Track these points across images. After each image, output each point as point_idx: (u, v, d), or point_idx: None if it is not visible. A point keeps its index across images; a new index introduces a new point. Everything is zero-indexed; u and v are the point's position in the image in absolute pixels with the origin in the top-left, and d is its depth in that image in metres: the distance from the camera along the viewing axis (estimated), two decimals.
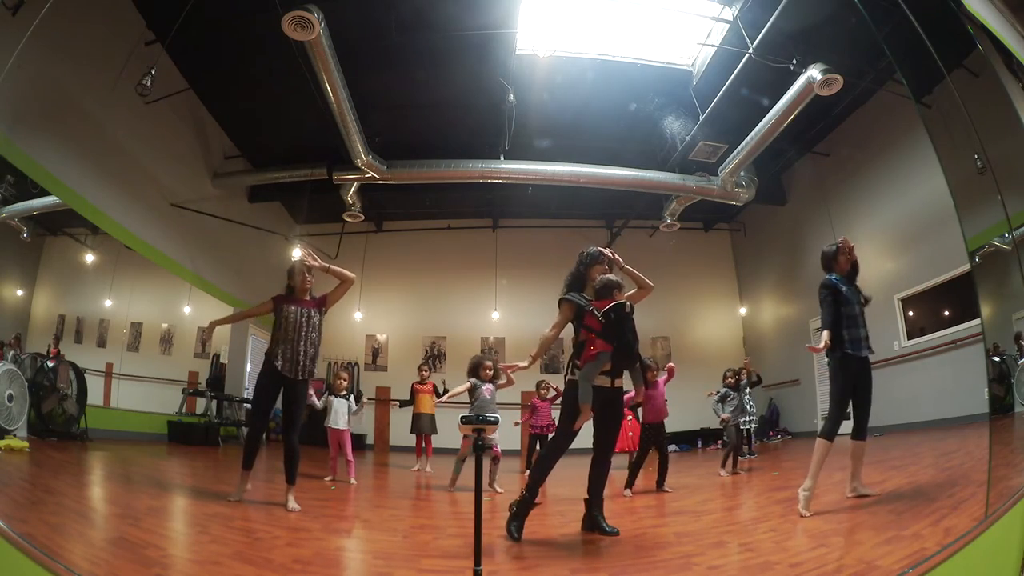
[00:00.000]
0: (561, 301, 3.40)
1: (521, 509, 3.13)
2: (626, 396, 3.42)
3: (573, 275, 3.48)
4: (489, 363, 4.76)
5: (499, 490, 4.70)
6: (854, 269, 3.79)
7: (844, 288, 3.69)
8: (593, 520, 3.21)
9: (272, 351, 3.80)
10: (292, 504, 3.65)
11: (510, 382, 4.45)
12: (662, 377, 4.80)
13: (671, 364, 4.95)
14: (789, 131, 5.60)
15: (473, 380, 4.76)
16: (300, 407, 3.84)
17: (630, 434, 5.25)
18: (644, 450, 4.77)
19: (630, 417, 5.22)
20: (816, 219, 6.95)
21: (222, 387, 7.31)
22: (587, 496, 3.27)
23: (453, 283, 8.33)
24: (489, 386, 4.69)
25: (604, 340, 3.15)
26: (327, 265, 3.94)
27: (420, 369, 6.18)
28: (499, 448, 4.79)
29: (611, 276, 3.36)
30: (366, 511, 4.27)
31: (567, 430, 3.16)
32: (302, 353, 3.77)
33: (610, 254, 3.44)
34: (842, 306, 3.62)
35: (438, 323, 8.23)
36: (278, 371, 3.74)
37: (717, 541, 3.04)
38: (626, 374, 3.32)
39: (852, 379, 3.58)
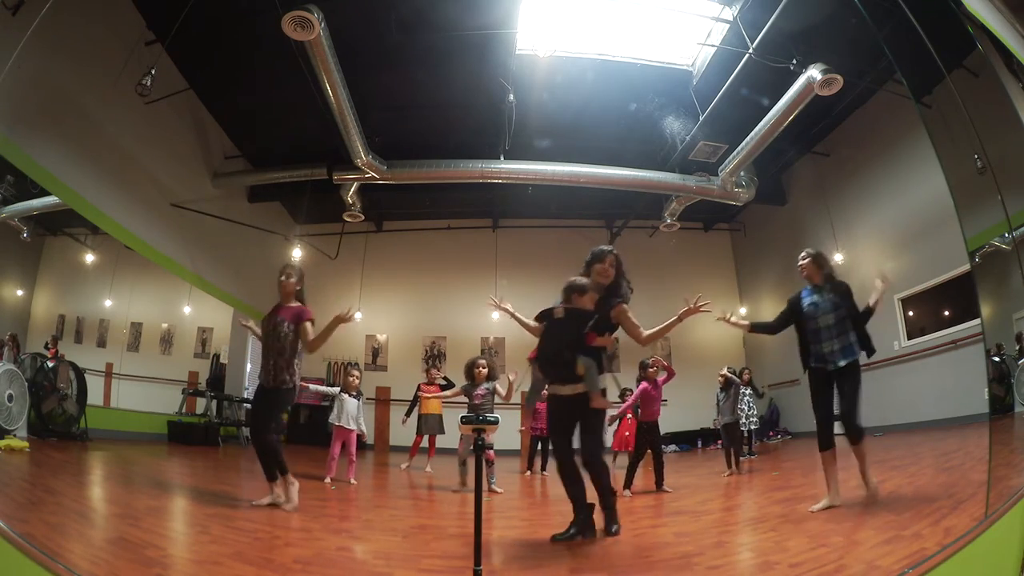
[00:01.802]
0: None
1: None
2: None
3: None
4: (482, 362, 4.75)
5: (498, 490, 4.69)
6: (830, 282, 3.79)
7: (806, 303, 3.73)
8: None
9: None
10: (278, 497, 3.65)
11: (508, 396, 4.50)
12: (662, 376, 4.80)
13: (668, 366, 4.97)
14: (789, 131, 5.59)
15: (465, 384, 4.75)
16: (270, 412, 3.84)
17: (627, 434, 5.25)
18: (640, 450, 4.77)
19: (629, 416, 5.22)
20: (816, 219, 6.95)
21: (222, 387, 7.31)
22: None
23: (453, 283, 8.32)
24: (483, 388, 4.69)
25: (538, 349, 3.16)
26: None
27: (428, 372, 6.19)
28: (492, 451, 4.76)
29: (578, 279, 3.18)
30: (366, 511, 4.27)
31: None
32: (271, 363, 3.76)
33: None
34: (804, 321, 3.72)
35: (438, 323, 8.22)
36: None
37: (717, 541, 3.04)
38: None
39: (820, 391, 3.65)
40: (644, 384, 4.80)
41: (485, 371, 4.74)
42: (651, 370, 4.77)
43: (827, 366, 3.61)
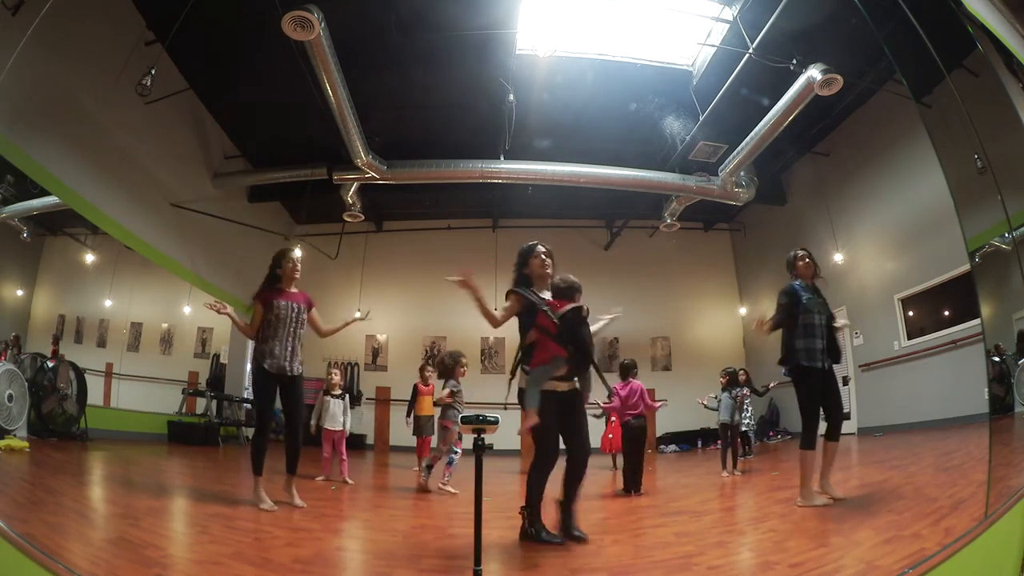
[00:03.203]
0: (509, 293, 3.33)
1: (533, 516, 3.06)
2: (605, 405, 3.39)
3: (516, 272, 3.45)
4: (464, 359, 4.72)
5: (452, 491, 4.66)
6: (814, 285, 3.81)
7: (805, 297, 3.71)
8: (565, 524, 3.11)
9: (260, 350, 3.76)
10: (297, 500, 3.66)
11: None
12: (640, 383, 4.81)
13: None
14: (789, 131, 5.59)
15: (451, 383, 4.68)
16: (299, 405, 3.82)
17: (610, 436, 5.25)
18: (627, 449, 4.77)
19: (614, 419, 5.22)
20: (816, 219, 6.95)
21: (222, 387, 7.31)
22: (561, 498, 3.15)
23: (453, 283, 8.31)
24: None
25: (558, 344, 3.07)
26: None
27: (422, 370, 6.17)
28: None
29: (573, 277, 3.27)
30: (366, 511, 4.27)
31: (536, 440, 3.07)
32: (290, 349, 3.74)
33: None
34: (800, 315, 3.66)
35: (438, 323, 8.21)
36: (267, 371, 3.71)
37: (717, 541, 3.04)
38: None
39: (816, 389, 3.64)
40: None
41: (464, 370, 4.71)
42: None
43: (815, 364, 3.61)
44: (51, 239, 5.65)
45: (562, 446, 3.18)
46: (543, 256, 3.39)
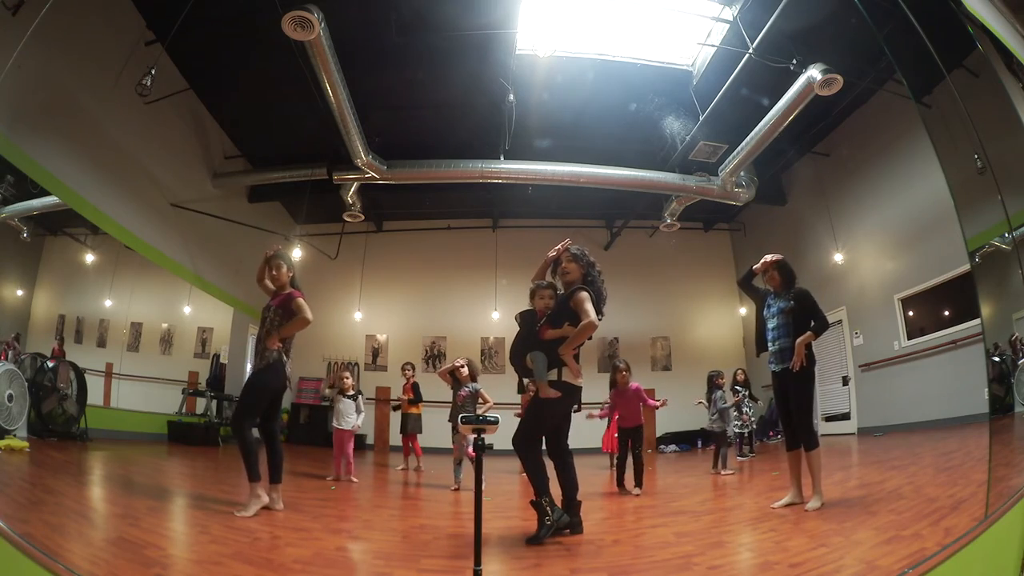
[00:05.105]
0: None
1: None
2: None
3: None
4: (461, 363, 4.77)
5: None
6: (787, 288, 3.86)
7: (764, 309, 3.90)
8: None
9: None
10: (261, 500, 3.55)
11: None
12: (635, 384, 4.84)
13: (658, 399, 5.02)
14: (789, 131, 5.58)
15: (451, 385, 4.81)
16: (249, 396, 3.74)
17: (615, 435, 5.27)
18: (621, 450, 4.81)
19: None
20: (816, 219, 6.95)
21: (222, 387, 7.31)
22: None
23: (453, 283, 8.33)
24: (465, 389, 4.72)
25: None
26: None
27: (403, 369, 6.15)
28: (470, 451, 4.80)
29: (542, 280, 3.43)
30: (366, 511, 4.27)
31: None
32: (257, 348, 3.76)
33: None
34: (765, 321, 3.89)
35: (438, 323, 8.22)
36: None
37: (717, 541, 3.04)
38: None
39: (775, 392, 3.83)
40: (613, 390, 4.83)
41: (466, 371, 4.76)
42: (620, 374, 4.78)
43: (772, 368, 3.78)
44: (51, 239, 5.64)
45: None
46: (563, 263, 3.43)
